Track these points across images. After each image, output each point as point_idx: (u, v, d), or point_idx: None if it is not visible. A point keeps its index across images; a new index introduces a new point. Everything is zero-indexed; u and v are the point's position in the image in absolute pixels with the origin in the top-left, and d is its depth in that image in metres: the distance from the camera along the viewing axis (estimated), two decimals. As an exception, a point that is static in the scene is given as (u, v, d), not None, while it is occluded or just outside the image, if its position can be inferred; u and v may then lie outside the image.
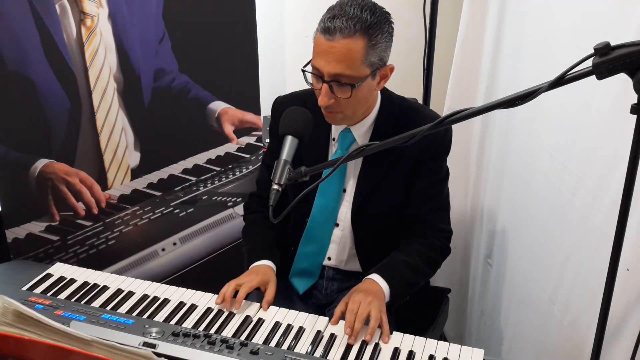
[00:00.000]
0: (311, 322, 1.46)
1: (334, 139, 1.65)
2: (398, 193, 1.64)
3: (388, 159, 1.58)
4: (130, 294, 1.55)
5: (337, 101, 1.46)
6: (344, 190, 1.66)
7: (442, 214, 1.69)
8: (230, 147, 2.29)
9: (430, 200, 1.64)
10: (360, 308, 1.40)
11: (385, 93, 1.65)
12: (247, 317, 1.48)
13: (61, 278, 1.61)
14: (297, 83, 1.77)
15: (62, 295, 1.54)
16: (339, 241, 1.70)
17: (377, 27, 1.42)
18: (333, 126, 1.64)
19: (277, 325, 1.45)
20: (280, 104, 1.72)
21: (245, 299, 1.54)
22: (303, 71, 1.48)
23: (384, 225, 1.68)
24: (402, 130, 1.58)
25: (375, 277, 1.53)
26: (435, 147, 1.59)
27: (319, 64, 1.43)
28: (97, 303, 1.51)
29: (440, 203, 1.67)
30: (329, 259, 1.73)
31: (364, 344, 1.38)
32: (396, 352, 1.37)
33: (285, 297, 1.73)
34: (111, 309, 1.49)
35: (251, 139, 2.32)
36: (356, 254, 1.71)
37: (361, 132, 1.62)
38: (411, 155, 1.58)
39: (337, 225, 1.69)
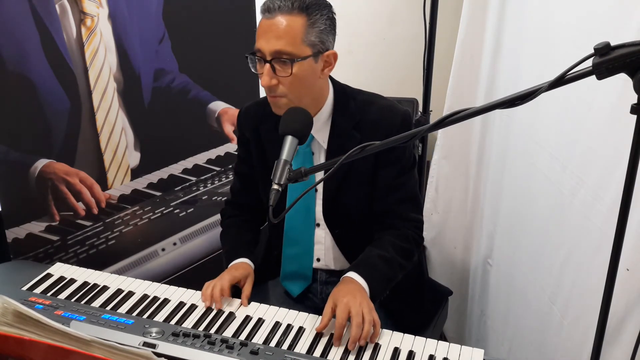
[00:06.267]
0: (311, 322, 1.46)
1: None
2: (365, 186, 1.63)
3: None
4: (130, 294, 1.55)
5: (280, 82, 1.48)
6: (316, 190, 1.66)
7: (411, 204, 1.67)
8: (230, 147, 2.29)
9: (396, 191, 1.62)
10: (352, 313, 1.38)
11: (339, 86, 1.64)
12: (247, 317, 1.48)
13: (61, 278, 1.61)
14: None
15: (62, 295, 1.53)
16: (323, 241, 1.70)
17: (316, 7, 1.47)
18: None
19: (277, 325, 1.45)
20: (244, 113, 1.74)
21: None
22: (247, 57, 1.51)
23: (358, 221, 1.67)
24: (359, 123, 1.59)
25: (352, 274, 1.52)
26: (391, 135, 1.42)
27: (260, 44, 1.47)
28: (97, 303, 1.51)
29: (408, 193, 1.65)
30: (318, 260, 1.72)
31: (365, 343, 1.38)
32: (396, 352, 1.37)
33: (281, 301, 1.73)
34: (111, 309, 1.49)
35: (251, 139, 2.32)
36: (342, 253, 1.71)
37: (317, 127, 1.59)
38: None
39: (318, 225, 1.69)
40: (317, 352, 1.36)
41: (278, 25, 1.44)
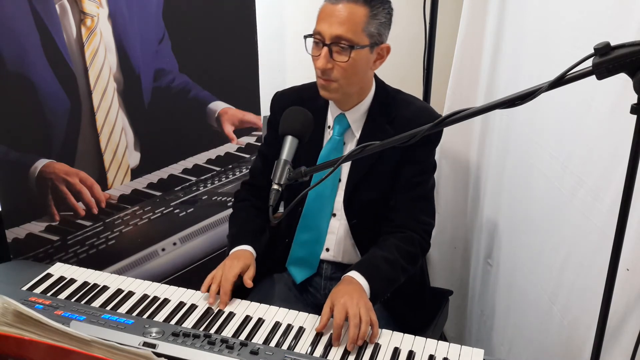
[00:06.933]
0: (311, 322, 1.46)
1: (329, 127, 1.68)
2: (386, 182, 1.65)
3: None
4: (130, 294, 1.55)
5: (335, 67, 1.52)
6: (340, 180, 1.68)
7: (425, 204, 1.68)
8: (230, 147, 2.29)
9: (413, 188, 1.64)
10: (350, 314, 1.38)
11: (381, 83, 1.69)
12: (247, 317, 1.48)
13: (61, 278, 1.61)
14: (297, 83, 1.77)
15: (62, 295, 1.53)
16: (337, 231, 1.71)
17: (379, 0, 1.53)
18: (328, 114, 1.68)
19: (277, 325, 1.45)
20: (279, 97, 1.77)
21: (244, 298, 1.55)
22: (305, 38, 1.55)
23: (375, 215, 1.68)
24: (394, 119, 1.63)
25: (353, 274, 1.52)
26: (426, 135, 1.55)
27: (321, 27, 1.51)
28: (97, 303, 1.51)
29: (423, 193, 1.67)
30: (328, 250, 1.73)
31: (364, 344, 1.38)
32: (396, 352, 1.37)
33: (284, 296, 1.73)
34: (111, 309, 1.49)
35: (251, 139, 2.32)
36: (354, 245, 1.71)
37: (355, 117, 1.65)
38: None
39: (334, 215, 1.70)
40: (317, 352, 1.36)
41: (341, 12, 1.49)
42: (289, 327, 1.44)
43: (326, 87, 1.56)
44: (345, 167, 1.67)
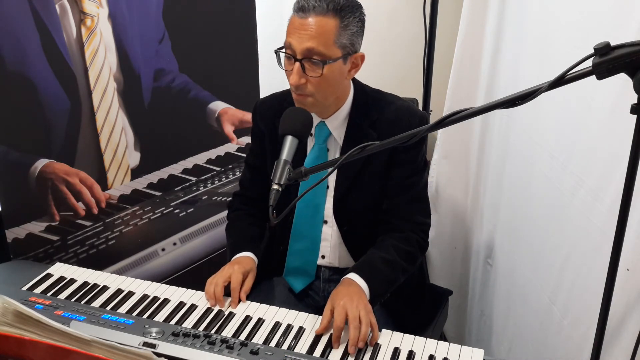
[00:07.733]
0: (311, 322, 1.46)
1: (311, 134, 1.66)
2: (376, 186, 1.64)
3: None
4: (130, 294, 1.55)
5: (308, 81, 1.49)
6: (327, 187, 1.67)
7: (419, 206, 1.67)
8: (230, 147, 2.29)
9: (406, 191, 1.63)
10: (350, 317, 1.38)
11: (359, 85, 1.66)
12: (247, 317, 1.48)
13: (61, 278, 1.61)
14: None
15: (62, 295, 1.54)
16: (330, 238, 1.71)
17: (349, 10, 1.48)
18: None
19: (277, 325, 1.45)
20: (260, 106, 1.75)
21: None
22: (276, 52, 1.52)
23: (366, 220, 1.67)
24: (376, 122, 1.62)
25: (353, 276, 1.52)
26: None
27: (292, 42, 1.47)
28: (97, 303, 1.51)
29: (417, 194, 1.66)
30: (323, 257, 1.73)
31: (364, 346, 1.38)
32: (396, 352, 1.37)
33: (283, 298, 1.73)
34: (111, 309, 1.49)
35: (251, 139, 2.33)
36: (348, 251, 1.71)
37: (335, 124, 1.63)
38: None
39: (325, 222, 1.70)
40: (317, 352, 1.36)
41: (311, 25, 1.45)
42: (289, 327, 1.44)
43: (302, 101, 1.53)
44: (333, 174, 1.64)
